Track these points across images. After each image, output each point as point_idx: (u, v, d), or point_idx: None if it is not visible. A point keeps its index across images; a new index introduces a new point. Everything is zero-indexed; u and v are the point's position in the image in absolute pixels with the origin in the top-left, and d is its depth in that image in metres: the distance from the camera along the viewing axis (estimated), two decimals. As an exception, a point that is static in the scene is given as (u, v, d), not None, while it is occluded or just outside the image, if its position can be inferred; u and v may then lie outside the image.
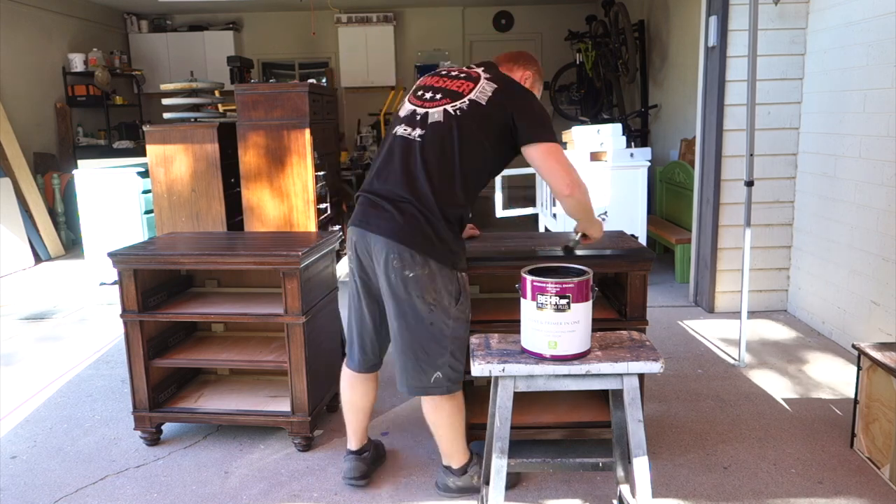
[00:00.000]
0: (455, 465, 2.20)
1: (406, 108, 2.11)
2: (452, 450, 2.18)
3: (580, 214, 2.14)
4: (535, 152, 1.99)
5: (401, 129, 2.06)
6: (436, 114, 2.01)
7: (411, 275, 1.93)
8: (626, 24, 6.83)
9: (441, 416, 2.11)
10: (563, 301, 1.63)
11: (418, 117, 2.03)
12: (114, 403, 3.07)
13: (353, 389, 2.27)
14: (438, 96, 2.05)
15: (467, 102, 2.00)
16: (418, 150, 1.98)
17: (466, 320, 2.06)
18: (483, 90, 2.02)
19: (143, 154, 4.94)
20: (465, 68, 2.14)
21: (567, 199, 2.03)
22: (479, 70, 2.10)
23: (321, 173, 4.84)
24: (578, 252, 2.33)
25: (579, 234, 2.26)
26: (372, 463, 2.37)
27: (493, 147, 2.02)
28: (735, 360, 3.38)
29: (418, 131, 2.01)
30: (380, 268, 1.98)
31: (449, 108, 2.00)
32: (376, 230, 1.97)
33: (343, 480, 2.31)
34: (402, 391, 2.10)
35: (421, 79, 2.21)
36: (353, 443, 2.34)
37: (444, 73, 2.15)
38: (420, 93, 2.11)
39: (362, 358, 2.21)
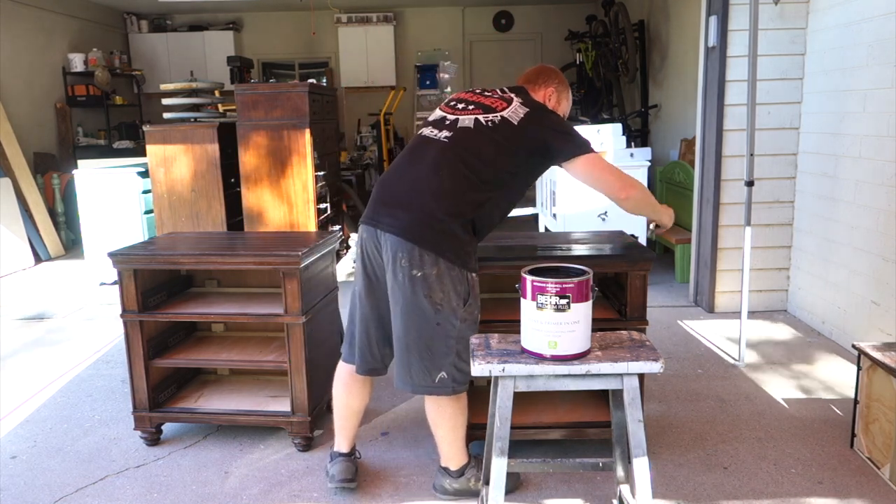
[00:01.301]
0: (452, 467, 2.20)
1: (436, 114, 2.16)
2: (451, 451, 2.17)
3: (644, 209, 2.18)
4: (578, 166, 2.04)
5: (427, 131, 2.10)
6: (466, 121, 2.05)
7: (419, 274, 1.92)
8: (626, 23, 6.83)
9: (443, 417, 2.10)
10: (563, 301, 1.63)
11: (447, 122, 2.08)
12: (114, 403, 3.06)
13: (349, 391, 2.24)
14: (471, 107, 2.09)
15: (500, 118, 2.04)
16: (441, 150, 2.01)
17: (475, 321, 2.05)
18: (516, 111, 2.06)
19: (143, 154, 4.93)
20: (499, 90, 2.19)
21: (625, 201, 2.09)
22: (513, 94, 2.15)
23: (321, 173, 4.84)
24: (575, 253, 2.33)
25: (652, 225, 2.32)
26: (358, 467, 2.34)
27: (521, 162, 2.05)
28: (735, 360, 3.38)
29: (445, 133, 2.04)
30: (388, 266, 1.97)
31: (481, 118, 2.05)
32: (387, 228, 1.97)
33: (332, 483, 2.24)
34: (401, 388, 2.06)
35: (455, 94, 2.28)
36: (343, 445, 2.30)
37: (478, 90, 2.21)
38: (453, 103, 2.16)
39: (367, 359, 2.16)
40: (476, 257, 2.05)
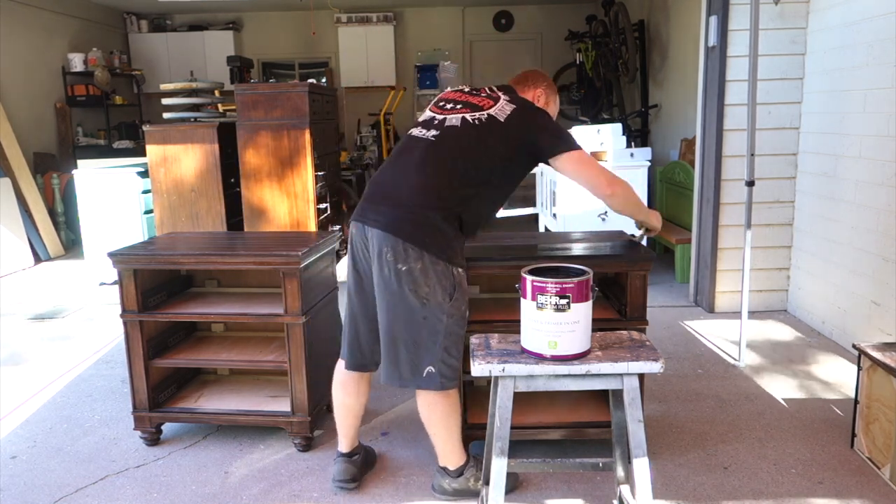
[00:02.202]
0: (451, 467, 2.20)
1: (426, 114, 2.19)
2: (447, 450, 2.18)
3: (629, 208, 2.20)
4: (564, 162, 2.07)
5: (416, 131, 2.13)
6: (454, 119, 2.08)
7: (404, 268, 1.94)
8: (626, 23, 6.83)
9: (435, 415, 2.11)
10: (563, 301, 1.63)
11: (436, 122, 2.11)
12: (114, 403, 3.06)
13: (346, 390, 2.25)
14: (459, 106, 2.12)
15: (486, 116, 2.07)
16: (428, 148, 2.04)
17: (462, 317, 2.06)
18: (503, 109, 2.09)
19: (143, 154, 4.94)
20: (487, 89, 2.21)
21: (610, 197, 2.11)
22: (500, 93, 2.18)
23: (321, 173, 4.84)
24: (575, 253, 2.33)
25: (642, 230, 2.35)
26: (362, 467, 2.34)
27: (508, 159, 2.08)
28: (735, 360, 3.38)
29: (433, 132, 2.07)
30: (374, 261, 2.00)
31: (468, 116, 2.07)
32: (373, 224, 2.00)
33: (332, 483, 2.27)
34: (388, 382, 2.07)
35: (443, 92, 2.31)
36: (344, 445, 2.32)
37: (466, 89, 2.23)
38: (441, 103, 2.19)
39: (356, 356, 2.20)
40: (463, 253, 2.07)
